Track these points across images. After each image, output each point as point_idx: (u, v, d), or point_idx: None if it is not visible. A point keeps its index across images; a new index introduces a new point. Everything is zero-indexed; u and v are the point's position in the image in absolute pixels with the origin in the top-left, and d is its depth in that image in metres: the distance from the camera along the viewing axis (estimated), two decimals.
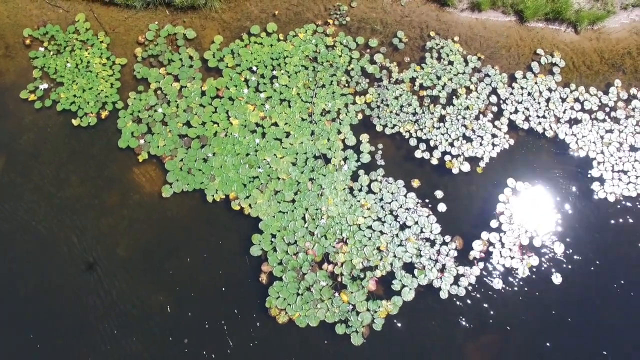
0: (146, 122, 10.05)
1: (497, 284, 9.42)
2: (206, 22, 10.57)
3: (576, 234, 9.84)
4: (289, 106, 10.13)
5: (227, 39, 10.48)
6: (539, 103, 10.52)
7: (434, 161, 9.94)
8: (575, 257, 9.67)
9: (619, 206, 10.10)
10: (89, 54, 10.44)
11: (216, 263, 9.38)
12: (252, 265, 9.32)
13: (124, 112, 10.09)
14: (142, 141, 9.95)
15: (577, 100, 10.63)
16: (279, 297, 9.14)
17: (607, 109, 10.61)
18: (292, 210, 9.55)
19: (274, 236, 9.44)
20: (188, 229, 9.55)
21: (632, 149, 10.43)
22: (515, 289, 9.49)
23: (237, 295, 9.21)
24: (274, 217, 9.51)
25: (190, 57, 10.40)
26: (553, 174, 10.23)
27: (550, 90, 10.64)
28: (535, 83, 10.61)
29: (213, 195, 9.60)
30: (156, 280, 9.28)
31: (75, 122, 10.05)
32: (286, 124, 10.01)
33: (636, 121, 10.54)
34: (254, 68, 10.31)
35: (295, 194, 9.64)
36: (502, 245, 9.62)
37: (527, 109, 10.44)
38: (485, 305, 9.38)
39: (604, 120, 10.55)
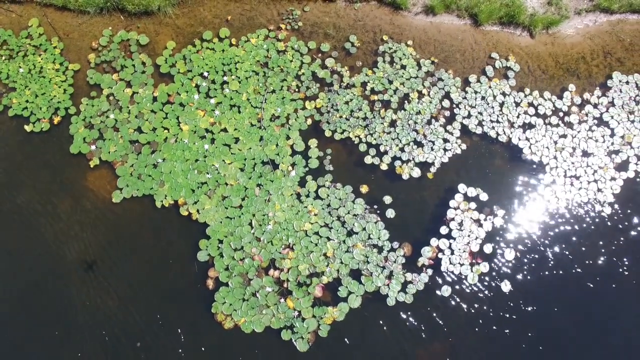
0: (98, 128, 10.11)
1: (446, 291, 9.34)
2: (160, 28, 10.61)
3: (527, 241, 9.74)
4: (239, 112, 10.12)
5: (180, 45, 10.50)
6: (492, 107, 10.40)
7: (384, 167, 9.87)
8: (525, 264, 9.57)
9: (571, 212, 10.01)
10: (42, 59, 10.52)
11: (164, 268, 9.41)
12: (199, 271, 9.36)
13: (77, 118, 10.16)
14: (93, 147, 10.01)
15: (531, 104, 10.50)
16: (225, 302, 9.15)
17: (561, 114, 10.49)
18: (240, 216, 9.55)
19: (221, 242, 9.45)
20: (137, 234, 9.60)
21: (585, 154, 10.31)
22: (465, 296, 9.41)
23: (184, 301, 9.23)
24: (221, 222, 9.52)
25: (143, 63, 10.44)
26: (505, 179, 10.12)
27: (504, 94, 10.51)
28: (490, 87, 10.49)
29: (162, 201, 9.63)
30: (106, 285, 9.33)
31: (28, 127, 10.14)
32: (235, 129, 10.01)
33: (589, 126, 10.42)
34: (205, 74, 10.32)
35: (243, 199, 9.64)
36: (452, 252, 9.54)
37: (481, 114, 10.33)
38: (434, 312, 9.31)
39: (557, 125, 10.41)
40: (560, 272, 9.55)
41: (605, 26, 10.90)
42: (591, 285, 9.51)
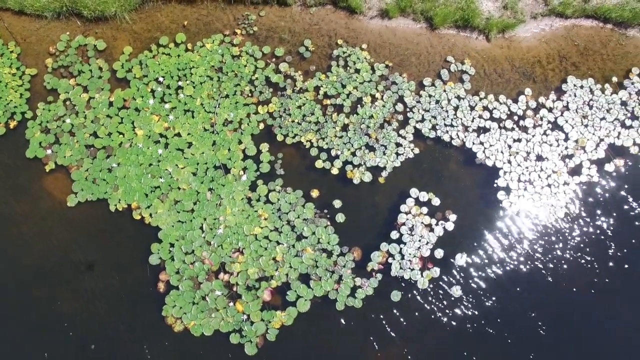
0: (54, 133, 10.20)
1: (396, 296, 9.38)
2: (117, 33, 10.69)
3: (479, 246, 9.77)
4: (193, 117, 10.20)
5: (137, 50, 10.59)
6: (447, 111, 10.42)
7: (335, 171, 9.92)
8: (476, 269, 9.61)
9: (523, 216, 10.02)
10: None
11: (117, 271, 9.51)
12: (151, 274, 9.45)
13: (33, 123, 10.25)
14: (49, 151, 10.12)
15: (486, 108, 10.51)
16: (175, 305, 9.25)
17: (516, 118, 10.50)
18: (191, 220, 9.65)
19: (172, 245, 9.55)
20: (91, 238, 9.70)
21: (539, 158, 10.32)
22: (415, 301, 9.45)
23: (136, 304, 9.34)
24: (173, 226, 9.60)
25: (100, 68, 10.54)
26: (459, 183, 10.16)
27: (459, 98, 10.53)
28: (444, 91, 10.52)
29: (116, 205, 9.73)
30: (60, 287, 9.45)
31: None
32: (189, 134, 10.09)
33: (544, 130, 10.43)
34: (161, 79, 10.40)
35: (195, 203, 9.73)
36: (402, 256, 9.59)
37: (435, 117, 10.35)
38: (383, 317, 9.36)
39: (512, 129, 10.42)
40: (511, 276, 9.58)
41: (560, 30, 10.89)
42: (542, 288, 9.55)
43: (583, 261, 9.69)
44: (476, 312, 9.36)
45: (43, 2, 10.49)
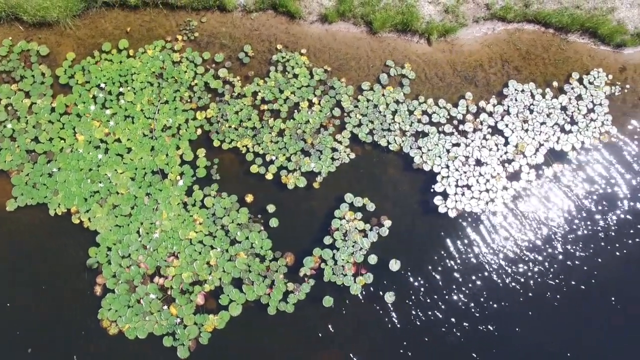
0: None
1: (328, 301, 9.46)
2: (61, 39, 10.80)
3: (414, 252, 9.84)
4: (133, 122, 10.31)
5: (80, 56, 10.68)
6: (384, 116, 10.45)
7: (269, 176, 10.01)
8: (410, 275, 9.67)
9: (460, 222, 10.04)
10: None
11: (55, 275, 9.66)
12: (88, 278, 9.61)
13: None
14: None
15: (425, 112, 10.54)
16: (110, 309, 9.42)
17: (456, 122, 10.51)
18: (128, 224, 9.78)
19: (109, 249, 9.71)
20: (30, 242, 9.83)
21: (478, 163, 10.33)
22: (348, 307, 9.54)
23: (73, 307, 9.47)
24: (110, 230, 9.76)
25: (43, 74, 10.64)
26: (395, 189, 10.22)
27: (397, 102, 10.56)
28: (383, 95, 10.55)
29: (55, 209, 9.88)
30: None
31: None
32: (128, 139, 10.21)
33: (483, 135, 10.43)
34: (103, 85, 10.51)
35: (132, 208, 9.86)
36: (335, 262, 9.67)
37: (372, 122, 10.40)
38: (315, 323, 9.47)
39: (451, 134, 10.45)
40: (446, 282, 9.66)
41: (503, 34, 10.87)
42: (477, 295, 9.62)
43: (520, 266, 9.75)
44: (409, 318, 9.45)
45: None
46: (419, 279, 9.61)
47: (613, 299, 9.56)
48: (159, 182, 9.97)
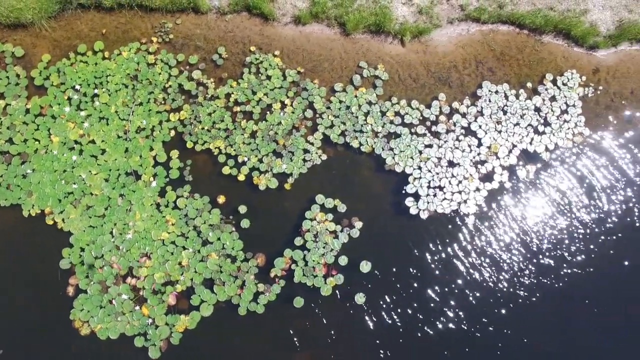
0: None
1: (299, 302, 9.52)
2: (37, 41, 10.85)
3: (385, 253, 9.87)
4: (107, 124, 10.38)
5: (56, 58, 10.73)
6: (357, 117, 10.48)
7: (241, 177, 10.06)
8: (381, 276, 9.71)
9: (431, 223, 10.05)
10: None
11: (29, 275, 9.74)
12: (61, 278, 9.68)
13: None
14: None
15: (397, 114, 10.56)
16: (83, 309, 9.49)
17: (429, 123, 10.53)
18: (102, 225, 9.86)
19: (82, 250, 9.79)
20: (3, 243, 9.90)
21: (451, 164, 10.34)
22: (318, 308, 9.59)
23: (46, 307, 9.55)
24: (84, 231, 9.83)
25: (17, 75, 10.69)
26: (366, 190, 10.24)
27: (370, 103, 10.59)
28: (355, 96, 10.57)
29: (29, 210, 9.96)
30: None
31: None
32: (103, 141, 10.27)
33: (456, 136, 10.45)
34: (78, 87, 10.57)
35: (106, 209, 9.93)
36: (306, 263, 9.72)
37: (344, 123, 10.43)
38: (285, 323, 9.52)
39: (423, 135, 10.47)
40: (416, 284, 9.70)
41: (477, 35, 10.87)
42: (447, 295, 9.66)
43: (492, 267, 9.77)
44: (380, 320, 9.49)
45: None
46: (390, 280, 9.65)
47: (587, 300, 9.62)
48: (132, 183, 10.03)
